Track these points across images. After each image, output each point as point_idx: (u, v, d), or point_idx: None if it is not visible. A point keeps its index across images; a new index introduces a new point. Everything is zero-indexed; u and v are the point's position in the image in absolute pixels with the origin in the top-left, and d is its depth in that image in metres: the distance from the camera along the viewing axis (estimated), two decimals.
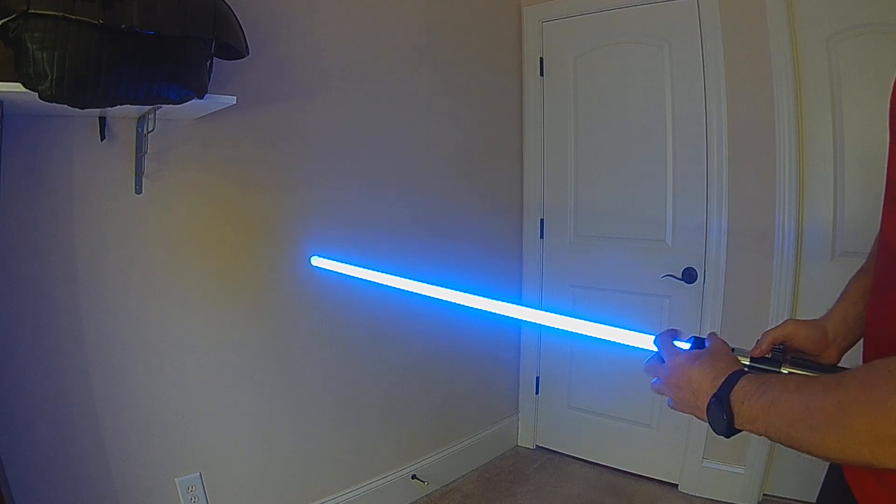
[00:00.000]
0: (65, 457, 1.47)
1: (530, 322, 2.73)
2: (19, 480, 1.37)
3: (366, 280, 1.21)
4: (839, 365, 0.73)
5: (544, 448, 2.81)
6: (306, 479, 1.99)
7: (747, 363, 0.73)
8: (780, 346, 0.74)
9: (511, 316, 0.97)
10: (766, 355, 0.73)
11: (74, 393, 1.48)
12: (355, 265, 1.28)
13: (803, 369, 0.71)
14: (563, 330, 0.87)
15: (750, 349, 0.75)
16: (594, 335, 0.84)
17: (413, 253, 2.22)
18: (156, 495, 1.63)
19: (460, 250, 2.42)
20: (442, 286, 1.01)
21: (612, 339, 0.82)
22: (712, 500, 2.30)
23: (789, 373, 0.71)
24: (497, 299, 0.95)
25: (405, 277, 1.10)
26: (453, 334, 2.47)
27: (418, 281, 1.07)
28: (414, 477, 2.32)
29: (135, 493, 1.58)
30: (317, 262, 1.32)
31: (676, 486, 2.41)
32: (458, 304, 0.97)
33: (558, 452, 2.76)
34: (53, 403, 1.45)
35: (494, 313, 0.93)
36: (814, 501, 0.79)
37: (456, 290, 0.99)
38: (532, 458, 2.74)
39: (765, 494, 2.25)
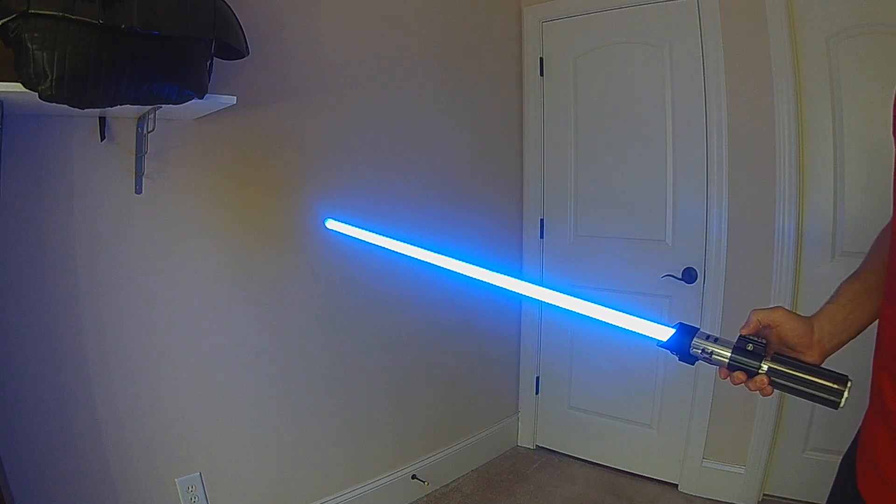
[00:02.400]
0: (65, 457, 1.47)
1: (530, 321, 2.74)
2: (19, 480, 1.37)
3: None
4: (822, 366, 0.72)
5: (544, 448, 2.81)
6: (306, 478, 2.00)
7: (729, 353, 0.72)
8: (763, 341, 0.73)
9: (525, 293, 0.97)
10: (748, 347, 0.72)
11: (74, 393, 1.48)
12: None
13: (785, 366, 0.70)
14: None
15: (734, 341, 0.74)
16: (606, 320, 0.83)
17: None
18: (156, 495, 1.63)
19: (460, 250, 2.41)
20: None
21: (624, 326, 0.82)
22: (712, 500, 2.30)
23: (769, 368, 0.71)
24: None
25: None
26: (453, 334, 2.47)
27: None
28: (414, 477, 2.32)
29: (135, 493, 1.58)
30: (331, 224, 1.30)
31: (676, 486, 2.41)
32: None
33: (558, 452, 2.76)
34: (53, 403, 1.45)
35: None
36: (814, 502, 0.79)
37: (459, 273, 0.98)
38: (532, 458, 2.74)
39: (765, 494, 2.25)
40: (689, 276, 2.29)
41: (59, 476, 1.46)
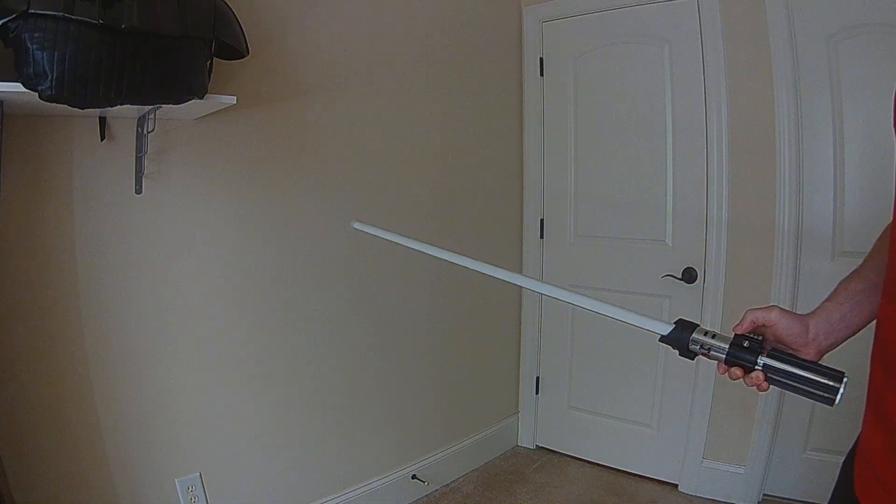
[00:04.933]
0: (65, 457, 1.47)
1: (530, 321, 2.74)
2: (19, 480, 1.37)
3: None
4: (818, 363, 0.72)
5: (544, 448, 2.81)
6: (306, 479, 2.00)
7: (727, 347, 0.73)
8: (759, 337, 0.73)
9: (530, 288, 0.97)
10: (745, 343, 0.72)
11: (74, 393, 1.48)
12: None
13: (781, 362, 0.71)
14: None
15: (732, 337, 0.75)
16: (609, 315, 0.84)
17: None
18: (156, 495, 1.63)
19: (459, 250, 2.41)
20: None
21: (625, 321, 0.82)
22: (712, 500, 2.30)
23: (765, 364, 0.71)
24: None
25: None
26: (453, 334, 2.47)
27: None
28: (414, 477, 2.32)
29: (135, 493, 1.58)
30: (358, 225, 1.31)
31: (676, 486, 2.41)
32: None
33: (558, 452, 2.76)
34: (54, 403, 1.45)
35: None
36: (814, 502, 0.79)
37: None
38: (532, 458, 2.74)
39: (765, 494, 2.25)
40: (688, 276, 2.29)
41: (59, 476, 1.46)
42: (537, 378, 2.80)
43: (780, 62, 2.04)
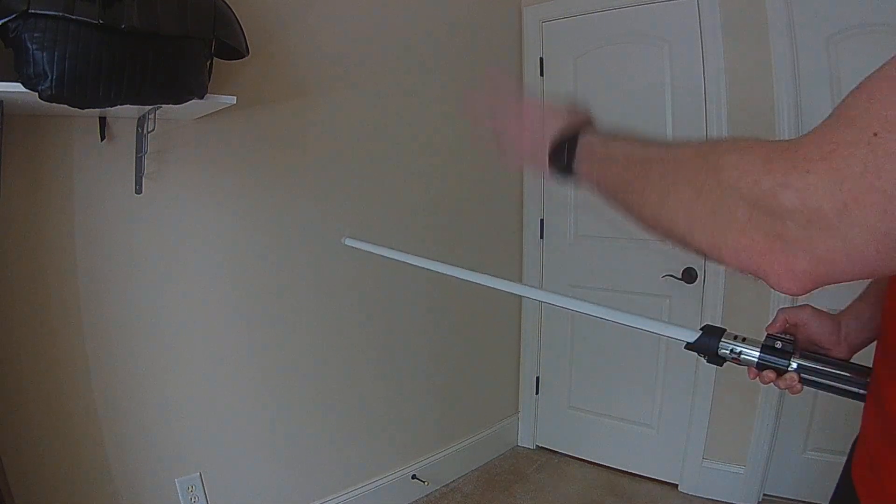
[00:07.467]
0: (65, 457, 1.47)
1: (530, 322, 2.74)
2: (19, 480, 1.37)
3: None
4: (850, 361, 0.73)
5: (544, 448, 2.81)
6: (306, 479, 2.00)
7: (758, 350, 0.72)
8: (791, 337, 0.73)
9: (546, 301, 0.95)
10: (777, 345, 0.72)
11: (75, 393, 1.48)
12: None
13: (814, 362, 0.71)
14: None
15: (761, 340, 0.74)
16: (631, 325, 0.82)
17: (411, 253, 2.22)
18: (156, 495, 1.63)
19: (459, 250, 2.42)
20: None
21: (650, 330, 0.80)
22: (712, 500, 2.30)
23: (799, 365, 0.70)
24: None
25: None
26: (453, 334, 2.47)
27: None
28: (414, 477, 2.32)
29: (135, 493, 1.59)
30: (350, 242, 1.31)
31: (676, 486, 2.41)
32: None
33: (558, 452, 2.76)
34: (54, 403, 1.45)
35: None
36: (814, 502, 0.79)
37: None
38: (532, 458, 2.74)
39: (765, 494, 2.25)
40: (688, 275, 2.29)
41: (59, 476, 1.46)
42: (537, 378, 2.80)
43: (780, 62, 2.04)
